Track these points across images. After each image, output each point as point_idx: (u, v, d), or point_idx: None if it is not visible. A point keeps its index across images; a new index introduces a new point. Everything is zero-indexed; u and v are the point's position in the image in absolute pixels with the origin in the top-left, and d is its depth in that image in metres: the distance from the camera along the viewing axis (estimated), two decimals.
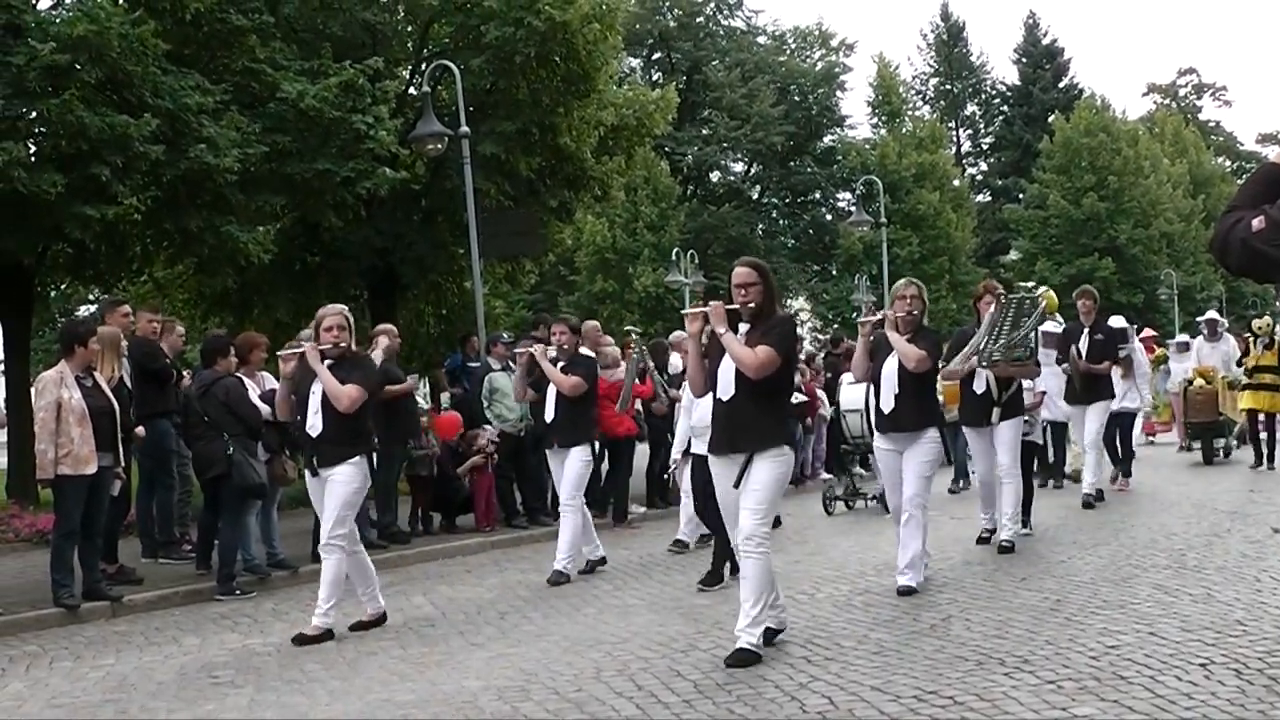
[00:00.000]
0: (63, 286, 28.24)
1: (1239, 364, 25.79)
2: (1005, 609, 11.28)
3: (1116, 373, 20.53)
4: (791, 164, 64.97)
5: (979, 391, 15.40)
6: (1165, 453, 28.98)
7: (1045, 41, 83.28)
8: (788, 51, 68.24)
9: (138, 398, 15.43)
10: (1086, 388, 19.70)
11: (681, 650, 10.26)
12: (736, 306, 10.23)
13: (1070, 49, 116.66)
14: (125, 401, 14.44)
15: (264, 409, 14.88)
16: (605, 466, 19.41)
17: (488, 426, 19.39)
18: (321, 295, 24.26)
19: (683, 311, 12.44)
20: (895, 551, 13.08)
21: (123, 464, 14.27)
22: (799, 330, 19.44)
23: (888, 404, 12.85)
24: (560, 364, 15.13)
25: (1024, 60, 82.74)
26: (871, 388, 15.04)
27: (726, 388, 10.14)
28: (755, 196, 67.27)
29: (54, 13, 20.74)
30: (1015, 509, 15.24)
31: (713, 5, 66.68)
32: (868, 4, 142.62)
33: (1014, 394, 15.34)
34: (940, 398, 14.80)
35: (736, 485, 10.01)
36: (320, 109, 21.80)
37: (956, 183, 69.00)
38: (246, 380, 15.17)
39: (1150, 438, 31.82)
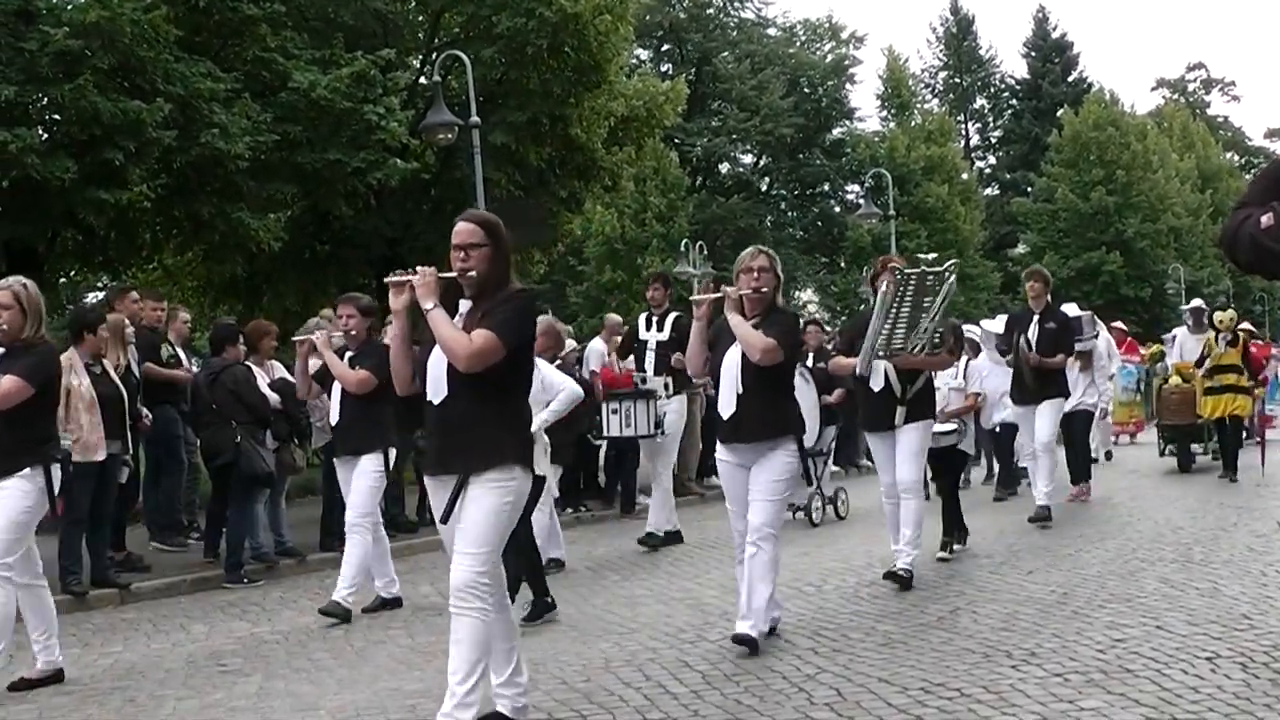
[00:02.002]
0: (72, 273, 28.26)
1: (1199, 364, 22.73)
2: (1012, 602, 11.29)
3: (1072, 368, 18.93)
4: (800, 156, 64.88)
5: (876, 388, 12.91)
6: (1134, 456, 27.72)
7: (1055, 35, 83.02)
8: (798, 44, 68.13)
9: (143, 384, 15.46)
10: (1036, 384, 17.25)
11: (690, 641, 10.29)
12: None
13: (1079, 43, 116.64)
14: (133, 389, 14.47)
15: (273, 397, 14.93)
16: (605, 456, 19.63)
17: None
18: (331, 284, 24.33)
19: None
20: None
21: (131, 451, 14.31)
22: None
23: (728, 406, 10.24)
24: (348, 355, 12.56)
25: (1033, 54, 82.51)
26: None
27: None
28: (764, 188, 67.19)
29: None
30: (915, 530, 12.70)
31: None
32: None
33: (921, 391, 12.96)
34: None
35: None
36: (331, 99, 21.86)
37: (965, 176, 68.88)
38: (255, 369, 15.18)
39: (1131, 438, 31.21)
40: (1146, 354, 29.28)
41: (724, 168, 65.78)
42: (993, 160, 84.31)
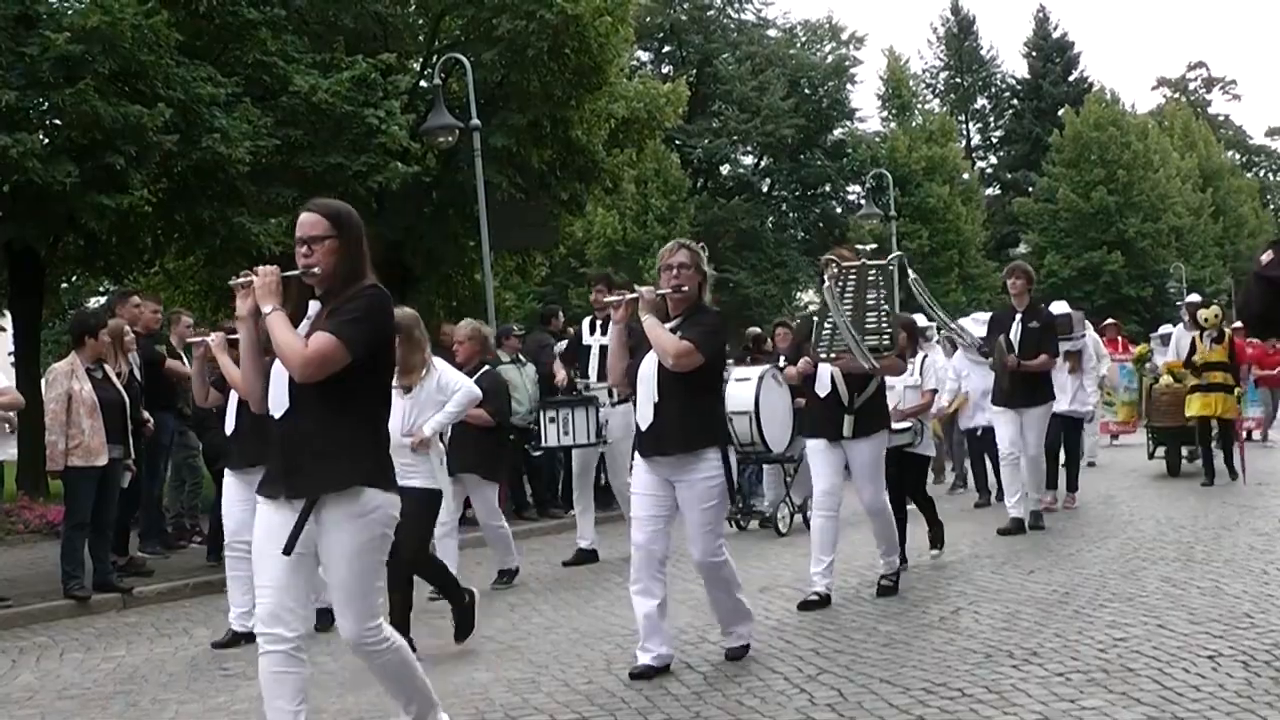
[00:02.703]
0: (74, 278, 28.28)
1: (1187, 364, 21.79)
2: (1014, 601, 11.30)
3: (1062, 370, 18.03)
4: (801, 157, 64.90)
5: (821, 394, 11.91)
6: (1132, 456, 26.34)
7: (1055, 35, 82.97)
8: (798, 44, 68.11)
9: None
10: (1020, 389, 16.16)
11: (691, 642, 10.28)
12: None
13: (1080, 43, 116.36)
14: (135, 394, 14.48)
15: None
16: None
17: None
18: None
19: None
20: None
21: (133, 456, 14.32)
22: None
23: (645, 417, 9.43)
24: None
25: (1034, 54, 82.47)
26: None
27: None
28: (765, 189, 67.17)
29: (67, 3, 20.80)
30: (890, 545, 12.36)
31: None
32: None
33: (873, 400, 11.88)
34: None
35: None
36: (332, 103, 21.88)
37: (966, 176, 68.89)
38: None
39: (1112, 440, 30.40)
40: (1134, 353, 28.37)
41: (725, 169, 65.72)
42: (994, 160, 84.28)
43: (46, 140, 19.62)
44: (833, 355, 11.50)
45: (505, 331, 20.74)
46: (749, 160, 66.66)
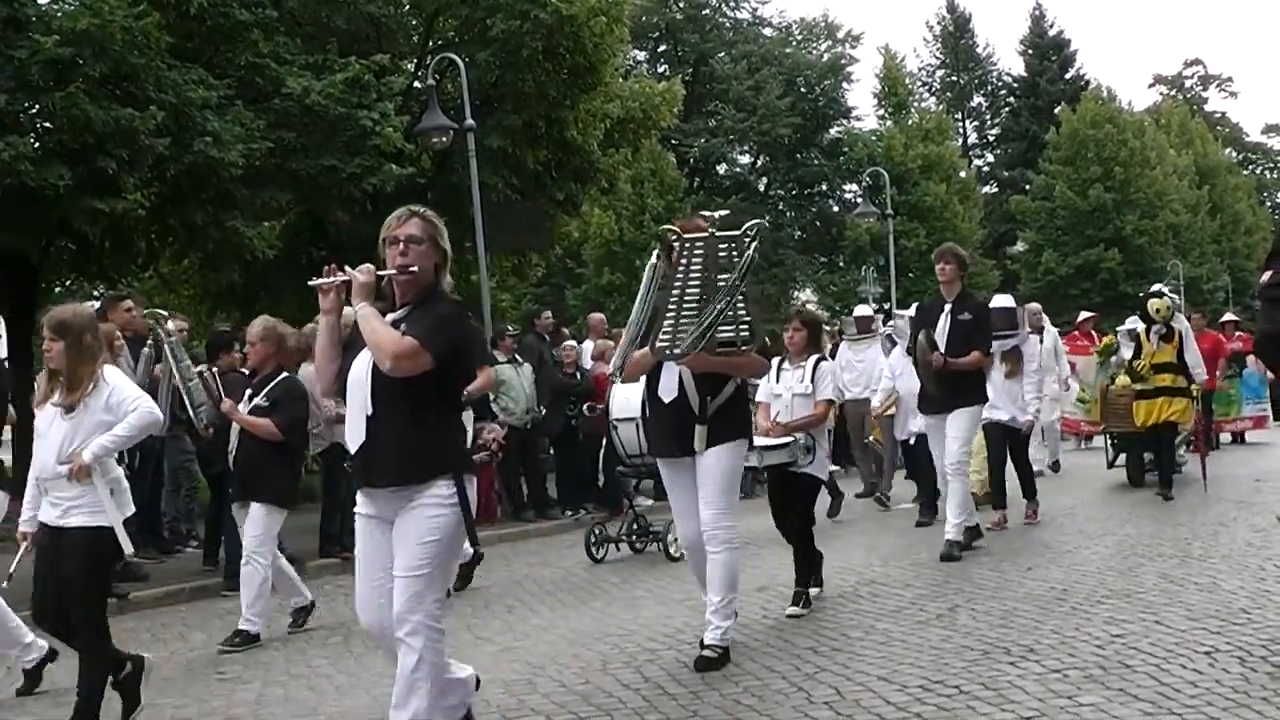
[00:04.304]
0: (68, 283, 28.23)
1: (1132, 363, 19.55)
2: (1011, 599, 11.29)
3: (999, 371, 16.10)
4: (798, 156, 64.97)
5: (667, 399, 9.86)
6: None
7: (1052, 33, 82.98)
8: (794, 43, 68.19)
9: None
10: (946, 390, 14.08)
11: (689, 642, 10.24)
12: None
13: (1077, 40, 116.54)
14: None
15: None
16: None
17: (495, 425, 19.40)
18: None
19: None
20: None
21: (127, 461, 14.27)
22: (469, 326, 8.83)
23: (356, 436, 7.29)
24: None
25: (1030, 52, 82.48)
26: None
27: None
28: (762, 188, 67.21)
29: (56, 6, 20.71)
30: (726, 592, 9.72)
31: None
32: None
33: (729, 405, 9.88)
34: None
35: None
36: (325, 105, 21.82)
37: (963, 174, 68.87)
38: None
39: (1087, 442, 27.98)
40: (1098, 346, 25.39)
41: (722, 168, 65.75)
42: (990, 158, 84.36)
43: (38, 144, 19.57)
44: (676, 351, 9.49)
45: (500, 332, 20.77)
46: (745, 159, 66.75)
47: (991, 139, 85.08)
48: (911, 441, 18.05)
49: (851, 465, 22.12)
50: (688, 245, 9.61)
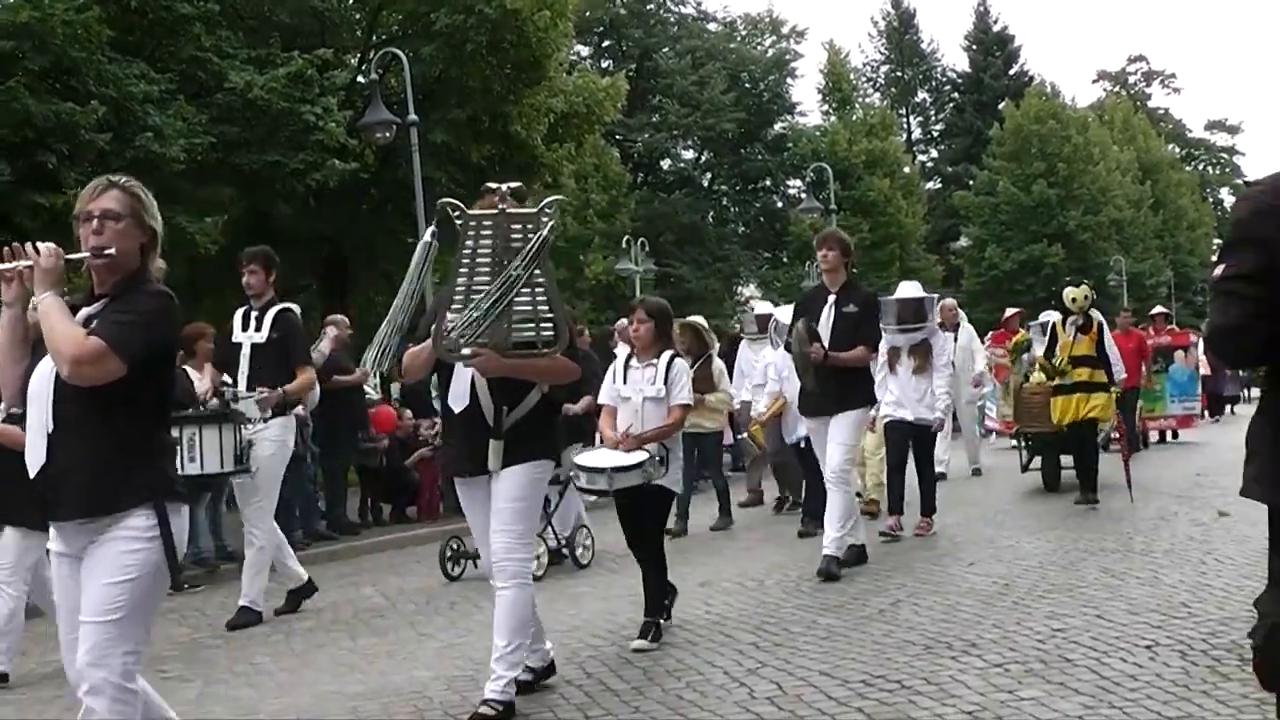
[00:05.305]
0: None
1: (1049, 357, 17.94)
2: (953, 593, 11.31)
3: (905, 367, 15.22)
4: (742, 151, 64.93)
5: (457, 408, 8.48)
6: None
7: (996, 29, 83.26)
8: (738, 39, 68.13)
9: None
10: (828, 390, 12.67)
11: (631, 637, 10.20)
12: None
13: (1021, 36, 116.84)
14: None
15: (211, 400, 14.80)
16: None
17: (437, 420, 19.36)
18: None
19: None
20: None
21: None
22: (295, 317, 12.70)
23: (36, 456, 6.01)
24: None
25: (975, 47, 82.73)
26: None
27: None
28: (706, 184, 67.13)
29: None
30: (513, 637, 8.33)
31: None
32: None
33: (532, 416, 8.46)
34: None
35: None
36: (269, 99, 21.79)
37: (907, 170, 68.93)
38: (191, 371, 15.07)
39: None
40: (1011, 343, 24.42)
41: (665, 164, 65.72)
42: (934, 154, 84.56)
43: None
44: (452, 348, 8.08)
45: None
46: (689, 155, 66.66)
47: (935, 134, 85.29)
48: (802, 445, 15.56)
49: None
50: (473, 225, 8.18)
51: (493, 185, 8.65)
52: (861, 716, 7.65)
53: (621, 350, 10.53)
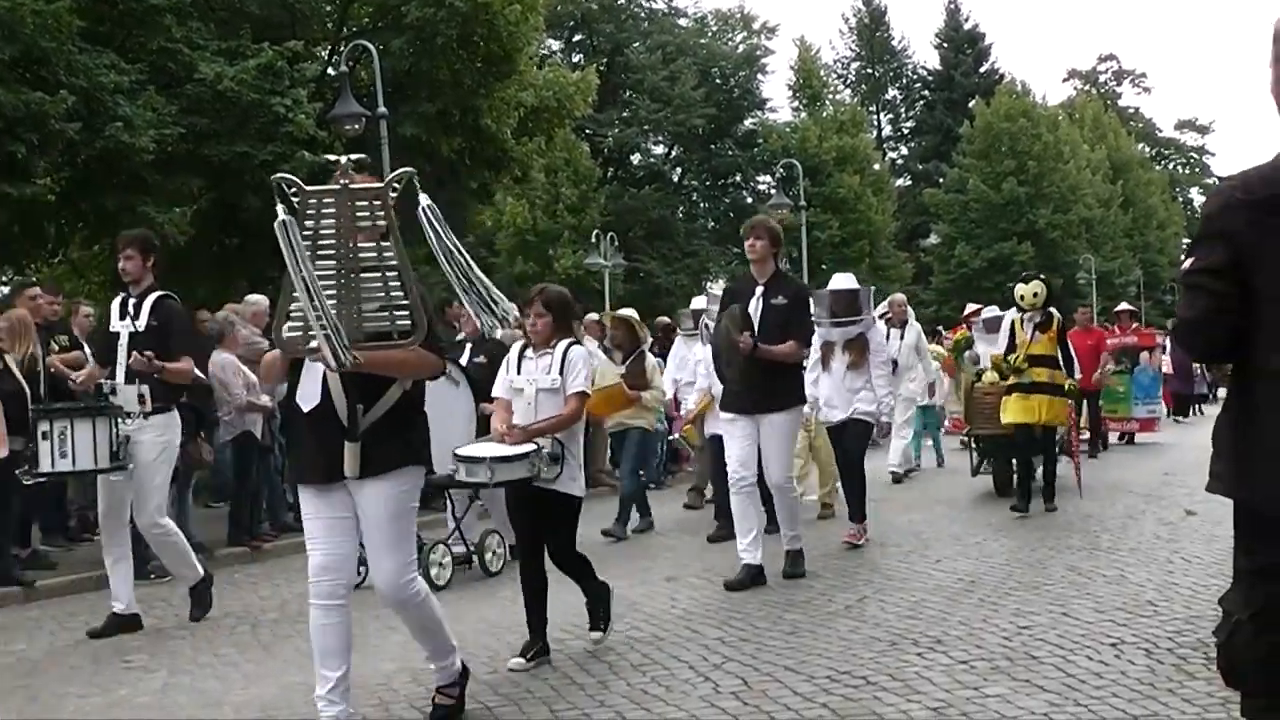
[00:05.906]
0: None
1: (1007, 356, 16.68)
2: (920, 590, 11.34)
3: (840, 362, 14.45)
4: (712, 147, 64.95)
5: (306, 407, 7.60)
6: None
7: (967, 26, 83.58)
8: (709, 34, 68.16)
9: None
10: (757, 386, 11.87)
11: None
12: None
13: (991, 34, 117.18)
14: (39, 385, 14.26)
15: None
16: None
17: None
18: (240, 277, 24.18)
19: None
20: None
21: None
22: None
23: None
24: None
25: (945, 45, 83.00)
26: None
27: None
28: (676, 179, 67.19)
29: None
30: (434, 640, 8.22)
31: None
32: None
33: (393, 416, 7.57)
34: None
35: None
36: (239, 91, 21.73)
37: (877, 167, 69.12)
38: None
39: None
40: (950, 340, 24.02)
41: (636, 158, 65.79)
42: (905, 151, 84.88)
43: None
44: (304, 345, 7.19)
45: None
46: (659, 150, 66.71)
47: (906, 132, 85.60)
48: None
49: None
50: (313, 203, 7.29)
51: (332, 156, 7.94)
52: (826, 712, 7.67)
53: (559, 344, 9.54)
